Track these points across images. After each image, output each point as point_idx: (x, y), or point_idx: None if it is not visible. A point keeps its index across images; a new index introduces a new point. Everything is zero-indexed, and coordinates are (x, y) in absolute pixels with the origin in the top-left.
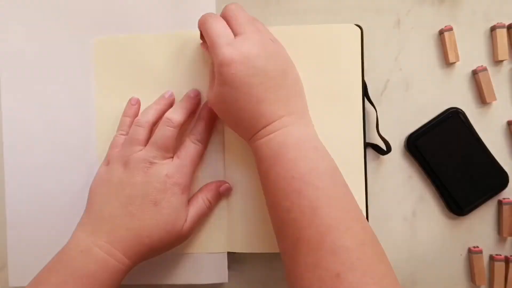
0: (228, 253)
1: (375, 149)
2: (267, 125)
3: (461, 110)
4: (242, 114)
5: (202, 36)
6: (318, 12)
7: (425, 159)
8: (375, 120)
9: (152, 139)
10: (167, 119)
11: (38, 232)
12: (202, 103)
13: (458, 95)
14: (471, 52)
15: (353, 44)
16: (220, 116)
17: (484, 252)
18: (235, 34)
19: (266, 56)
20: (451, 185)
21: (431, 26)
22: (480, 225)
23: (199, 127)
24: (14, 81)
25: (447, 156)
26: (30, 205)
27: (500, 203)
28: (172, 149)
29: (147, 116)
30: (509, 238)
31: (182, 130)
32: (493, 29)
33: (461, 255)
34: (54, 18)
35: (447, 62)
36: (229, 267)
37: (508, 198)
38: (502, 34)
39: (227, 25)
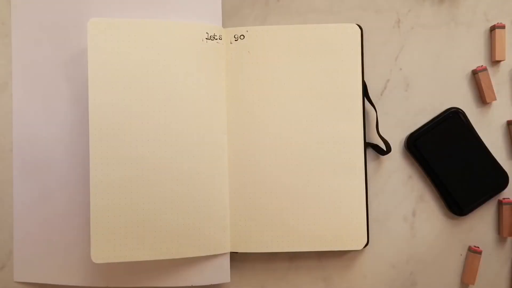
0: (230, 252)
1: (375, 149)
2: None
3: (461, 110)
4: None
5: None
6: (318, 12)
7: (425, 159)
8: (375, 120)
9: None
10: None
11: (43, 228)
12: None
13: (458, 95)
14: (471, 52)
15: (353, 44)
16: None
17: (484, 252)
18: None
19: None
20: (451, 185)
21: (431, 26)
22: (480, 225)
23: None
24: (25, 80)
25: (447, 156)
26: (36, 201)
27: (500, 203)
28: None
29: None
30: (509, 238)
31: None
32: (492, 29)
33: (461, 255)
34: (59, 14)
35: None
36: (230, 266)
37: (508, 198)
38: (501, 34)
39: None
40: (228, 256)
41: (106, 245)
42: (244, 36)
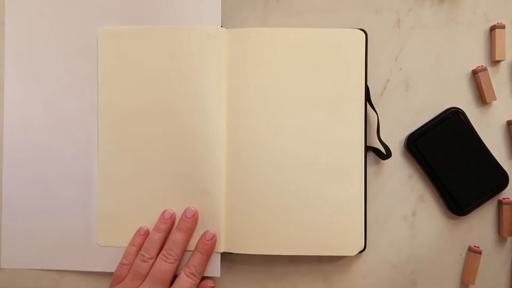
0: (229, 253)
1: (376, 153)
2: None
3: (461, 110)
4: None
5: None
6: (318, 12)
7: (425, 159)
8: (376, 123)
9: (151, 272)
10: (167, 254)
11: (33, 216)
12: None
13: (458, 95)
14: (471, 52)
15: (357, 49)
16: None
17: (484, 252)
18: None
19: None
20: (451, 185)
21: (431, 26)
22: (480, 225)
23: (196, 261)
24: (18, 70)
25: (447, 156)
26: (26, 190)
27: (500, 203)
28: (170, 282)
29: (150, 251)
30: (509, 238)
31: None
32: (492, 29)
33: (461, 255)
34: (61, 7)
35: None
36: (227, 265)
37: (508, 198)
38: (501, 34)
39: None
40: (219, 253)
41: (111, 231)
42: (244, 38)
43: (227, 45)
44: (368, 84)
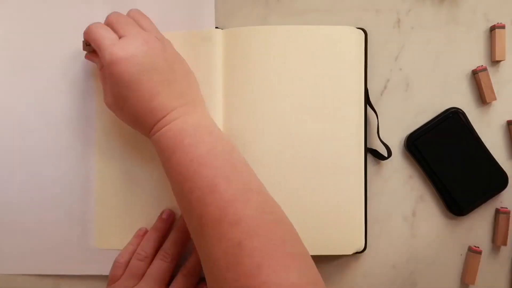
0: None
1: (375, 154)
2: (163, 117)
3: (461, 110)
4: (137, 110)
5: (86, 47)
6: (318, 12)
7: (425, 159)
8: (376, 124)
9: (148, 271)
10: (164, 253)
11: (28, 220)
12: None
13: (458, 95)
14: (471, 52)
15: (357, 48)
16: (119, 117)
17: (484, 252)
18: (119, 37)
19: (152, 53)
20: (451, 185)
21: (431, 26)
22: (480, 225)
23: (195, 261)
24: (12, 72)
25: (447, 156)
26: (22, 194)
27: (497, 211)
28: (167, 281)
29: (147, 249)
30: (509, 238)
31: None
32: (492, 29)
33: (461, 255)
34: (57, 10)
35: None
36: None
37: (506, 208)
38: (501, 34)
39: (110, 29)
40: None
41: (108, 233)
42: (240, 37)
43: (223, 46)
44: (368, 83)
